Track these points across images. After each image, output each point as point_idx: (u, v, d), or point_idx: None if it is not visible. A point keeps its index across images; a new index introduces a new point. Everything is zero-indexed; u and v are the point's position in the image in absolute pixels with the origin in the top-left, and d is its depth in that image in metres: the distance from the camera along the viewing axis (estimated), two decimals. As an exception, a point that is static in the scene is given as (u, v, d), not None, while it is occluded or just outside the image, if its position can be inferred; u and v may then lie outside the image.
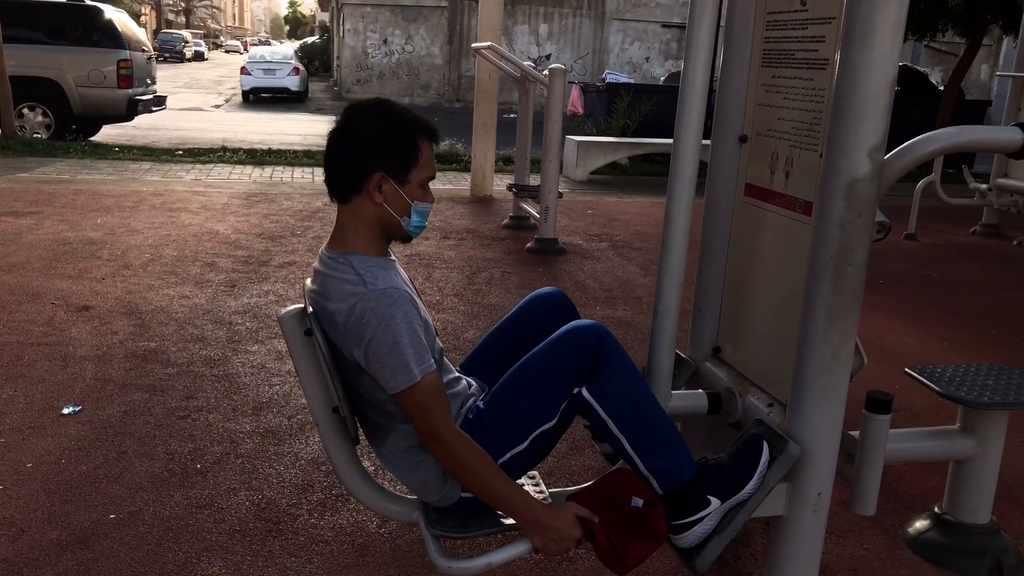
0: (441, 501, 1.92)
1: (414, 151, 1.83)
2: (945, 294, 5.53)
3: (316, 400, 1.85)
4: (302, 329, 1.79)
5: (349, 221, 1.86)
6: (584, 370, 1.85)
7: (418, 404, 1.75)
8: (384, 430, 1.90)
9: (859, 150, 1.71)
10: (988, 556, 2.34)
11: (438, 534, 1.88)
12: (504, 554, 1.83)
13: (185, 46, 42.95)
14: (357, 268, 1.79)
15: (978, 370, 2.46)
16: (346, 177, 1.83)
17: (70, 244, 5.39)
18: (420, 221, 1.90)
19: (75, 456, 2.71)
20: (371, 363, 1.75)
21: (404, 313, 1.75)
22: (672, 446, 1.89)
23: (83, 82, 10.42)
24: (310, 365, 1.82)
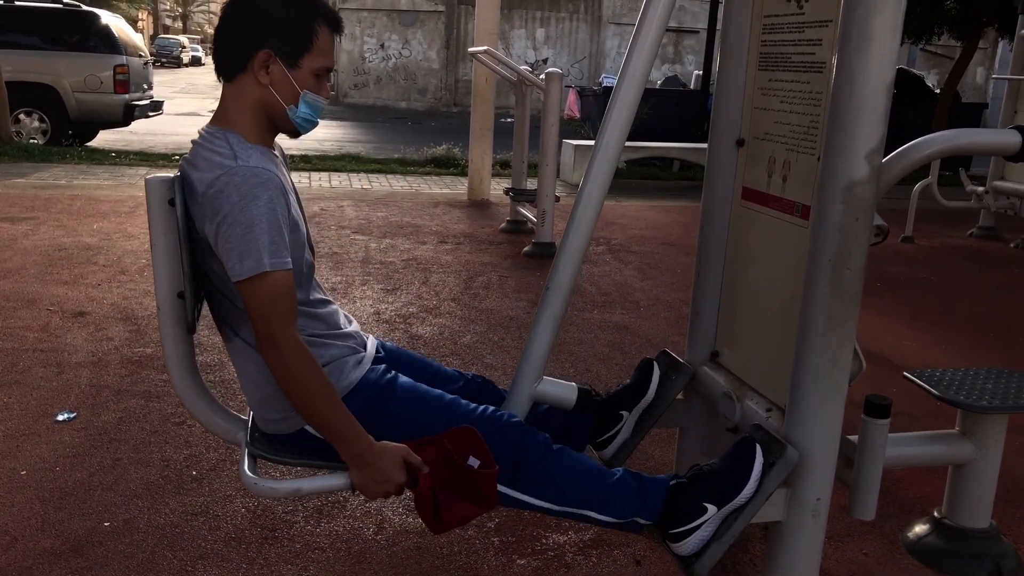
0: (278, 426, 1.83)
1: (309, 33, 1.72)
2: (943, 297, 5.53)
3: (163, 281, 1.75)
4: (166, 198, 1.69)
5: (232, 101, 1.76)
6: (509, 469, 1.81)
7: (260, 299, 1.63)
8: (239, 322, 1.78)
9: (857, 153, 1.70)
10: (988, 560, 2.33)
11: (257, 453, 1.81)
12: (317, 483, 1.76)
13: (182, 51, 42.96)
14: (232, 144, 1.70)
15: (977, 373, 2.45)
16: (232, 51, 1.73)
17: (66, 250, 5.38)
18: (309, 114, 1.78)
19: (69, 463, 2.69)
20: (220, 242, 1.64)
21: (270, 198, 1.65)
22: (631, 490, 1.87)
23: (80, 87, 10.41)
24: (167, 240, 1.72)
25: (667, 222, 7.50)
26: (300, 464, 1.89)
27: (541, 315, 2.04)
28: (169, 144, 11.80)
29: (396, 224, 6.84)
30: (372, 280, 5.10)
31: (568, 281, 2.02)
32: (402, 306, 4.60)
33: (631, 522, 1.89)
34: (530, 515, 2.48)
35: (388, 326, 4.24)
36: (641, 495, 1.88)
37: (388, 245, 6.06)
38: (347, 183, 9.02)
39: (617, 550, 2.35)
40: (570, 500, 1.86)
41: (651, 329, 4.40)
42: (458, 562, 2.26)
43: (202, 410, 1.93)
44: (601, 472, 1.91)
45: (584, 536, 2.40)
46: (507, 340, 4.11)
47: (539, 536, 2.40)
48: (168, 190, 1.71)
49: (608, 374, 3.70)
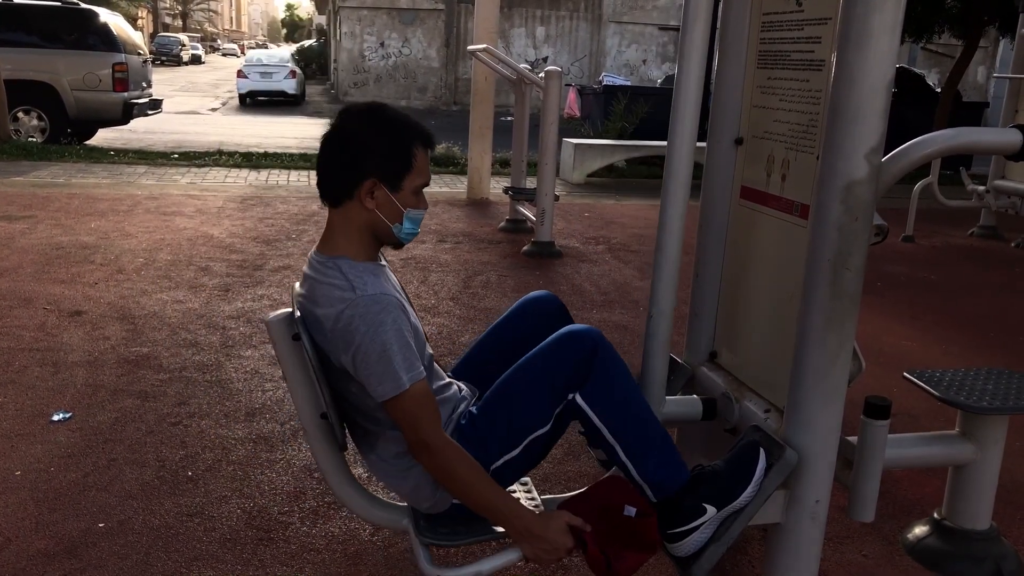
0: (432, 508, 1.89)
1: (408, 157, 1.80)
2: (943, 297, 5.51)
3: (304, 406, 1.83)
4: (290, 334, 1.76)
5: (339, 226, 1.83)
6: (578, 375, 1.82)
7: (407, 412, 1.72)
8: (373, 436, 1.87)
9: (856, 152, 1.69)
10: (988, 562, 2.31)
11: (427, 542, 1.85)
12: (493, 563, 1.80)
13: (182, 49, 42.92)
14: (346, 273, 1.76)
15: (977, 374, 2.43)
16: (338, 182, 1.80)
17: (63, 248, 5.36)
18: (412, 228, 1.86)
19: (64, 464, 2.67)
20: (359, 370, 1.72)
21: (393, 319, 1.72)
22: (665, 454, 1.86)
23: (78, 86, 10.39)
24: (298, 370, 1.80)
25: (667, 221, 7.45)
26: (469, 543, 1.92)
27: (652, 343, 2.13)
28: (168, 142, 11.79)
29: (395, 223, 6.81)
30: (370, 279, 5.07)
31: (670, 305, 2.14)
32: (400, 305, 4.57)
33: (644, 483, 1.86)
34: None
35: (386, 325, 4.22)
36: (670, 465, 1.86)
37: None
38: (346, 182, 8.99)
39: (615, 551, 2.33)
40: (615, 424, 1.83)
41: (650, 328, 4.38)
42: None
43: (366, 509, 1.97)
44: (655, 418, 1.90)
45: (582, 537, 2.39)
46: (505, 339, 4.09)
47: (536, 537, 2.38)
48: (290, 327, 1.77)
49: (607, 374, 3.68)
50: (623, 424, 1.84)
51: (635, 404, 1.87)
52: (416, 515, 1.92)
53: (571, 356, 1.83)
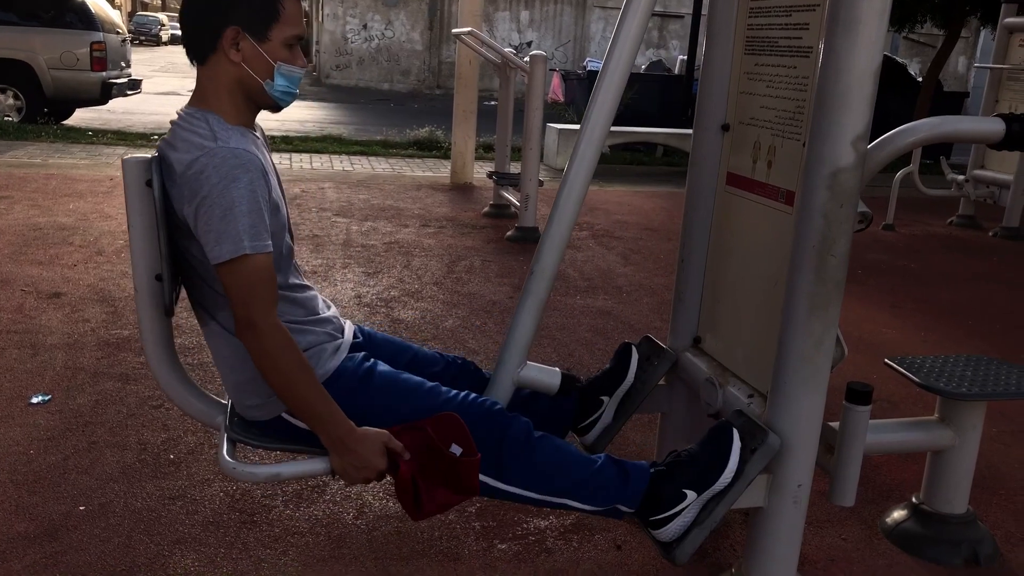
0: (256, 412, 1.82)
1: (274, 3, 1.69)
2: (923, 285, 5.57)
3: (141, 262, 1.73)
4: (144, 179, 1.67)
5: (208, 83, 1.72)
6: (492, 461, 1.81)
7: (240, 283, 1.61)
8: (218, 303, 1.76)
9: (843, 139, 1.69)
10: (965, 546, 2.35)
11: (236, 438, 1.80)
12: (296, 468, 1.76)
13: (161, 29, 42.28)
14: (212, 124, 1.68)
15: (956, 360, 2.46)
16: (199, 32, 1.70)
17: (41, 230, 5.29)
18: (287, 86, 1.75)
19: (44, 446, 2.65)
20: (199, 224, 1.61)
21: (251, 180, 1.62)
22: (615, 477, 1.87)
23: (55, 64, 10.22)
24: (144, 221, 1.69)
25: (650, 208, 7.50)
26: (279, 449, 1.88)
27: (524, 300, 2.02)
28: (148, 123, 11.64)
29: (378, 207, 6.79)
30: (353, 263, 5.06)
31: (552, 266, 2.01)
32: (383, 290, 4.57)
33: (612, 509, 1.90)
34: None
35: (369, 310, 4.21)
36: (623, 482, 1.88)
37: (370, 228, 6.02)
38: (328, 165, 8.94)
39: (598, 535, 2.35)
40: (552, 489, 1.86)
41: (634, 314, 4.40)
42: (439, 547, 2.25)
43: (180, 394, 1.90)
44: (583, 460, 1.90)
45: (565, 521, 2.40)
46: (489, 324, 4.09)
47: (520, 521, 2.39)
48: (146, 171, 1.68)
49: (591, 359, 3.69)
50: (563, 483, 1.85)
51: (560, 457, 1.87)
52: (233, 413, 1.86)
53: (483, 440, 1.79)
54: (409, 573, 2.14)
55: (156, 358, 1.85)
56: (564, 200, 1.99)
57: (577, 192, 1.98)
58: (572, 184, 1.98)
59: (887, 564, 2.32)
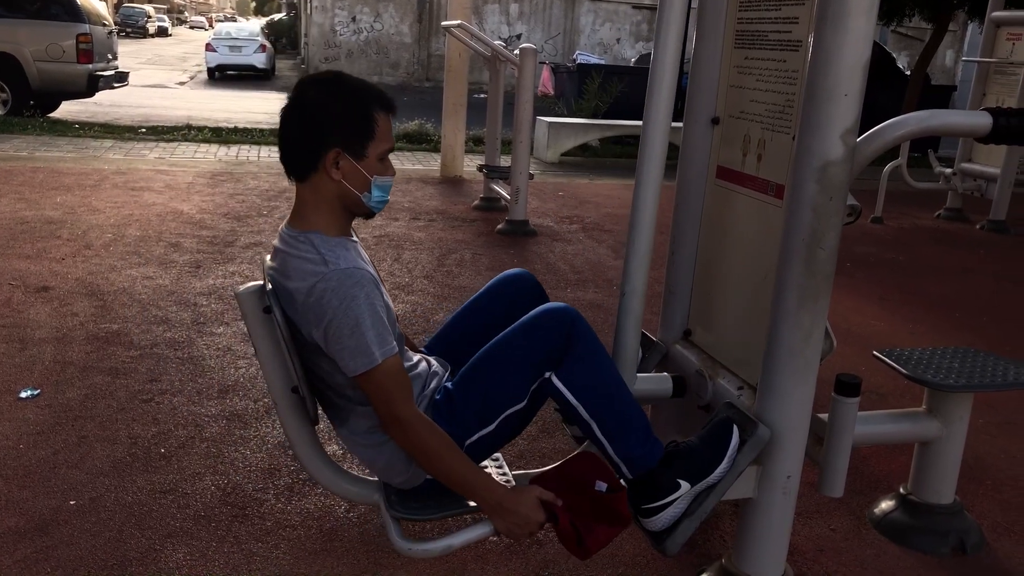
0: (405, 483, 1.90)
1: (370, 124, 1.78)
2: (911, 277, 5.60)
3: (275, 380, 1.82)
4: (261, 307, 1.75)
5: (309, 199, 1.81)
6: (555, 354, 1.83)
7: (379, 387, 1.72)
8: (345, 411, 1.87)
9: (832, 133, 1.70)
10: (952, 535, 2.38)
11: (398, 516, 1.86)
12: (465, 536, 1.82)
13: (148, 21, 41.99)
14: (318, 247, 1.75)
15: (944, 353, 2.48)
16: (301, 154, 1.78)
17: (28, 223, 5.25)
18: (381, 196, 1.84)
19: (33, 441, 2.64)
20: (331, 344, 1.71)
21: (367, 294, 1.71)
22: (641, 432, 1.88)
23: (41, 56, 10.14)
24: (268, 344, 1.79)
25: (640, 200, 7.47)
26: (441, 517, 1.92)
27: (624, 321, 2.12)
28: (135, 116, 11.56)
29: (368, 200, 6.76)
30: (343, 256, 5.04)
31: (642, 284, 2.11)
32: (374, 283, 4.55)
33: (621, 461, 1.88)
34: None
35: (360, 303, 4.20)
36: (646, 442, 1.88)
37: (359, 221, 6.00)
38: (318, 158, 8.90)
39: (589, 527, 2.36)
40: (591, 401, 1.85)
41: (623, 307, 4.41)
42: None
43: (337, 484, 1.97)
44: (630, 395, 1.91)
45: (556, 513, 2.41)
46: (480, 318, 4.09)
47: (511, 513, 2.40)
48: (260, 299, 1.76)
49: (580, 352, 3.70)
50: (599, 402, 1.85)
51: (611, 382, 1.88)
52: (388, 490, 1.93)
53: (547, 334, 1.83)
54: (400, 565, 2.15)
55: (310, 461, 1.93)
56: (639, 217, 2.06)
57: (650, 208, 2.06)
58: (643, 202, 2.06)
59: (875, 554, 2.34)
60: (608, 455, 1.88)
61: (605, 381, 1.87)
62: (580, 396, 1.85)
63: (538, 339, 1.83)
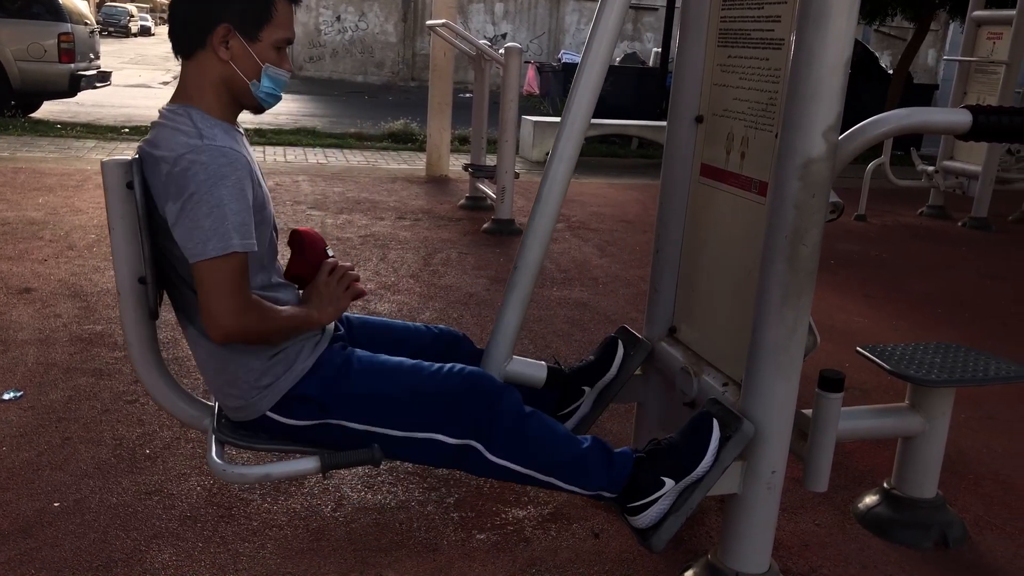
0: (239, 412, 1.83)
1: (268, 5, 1.69)
2: (893, 274, 5.65)
3: (123, 266, 1.73)
4: (124, 180, 1.66)
5: (193, 78, 1.72)
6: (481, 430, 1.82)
7: (221, 280, 1.61)
8: (195, 310, 1.75)
9: (814, 130, 1.72)
10: (934, 529, 2.40)
11: (224, 439, 1.82)
12: (286, 467, 1.79)
13: (130, 20, 41.63)
14: (196, 122, 1.67)
15: (926, 348, 2.51)
16: (189, 27, 1.70)
17: (9, 224, 5.21)
18: (272, 88, 1.76)
19: (16, 443, 2.62)
20: (183, 221, 1.60)
21: (238, 178, 1.62)
22: (599, 464, 1.89)
23: (22, 56, 10.03)
24: (126, 224, 1.69)
25: (625, 200, 7.53)
26: (267, 449, 1.88)
27: (509, 295, 2.03)
28: (118, 116, 11.48)
29: (353, 200, 6.76)
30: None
31: (536, 260, 2.02)
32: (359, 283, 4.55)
33: (596, 494, 1.91)
34: (489, 490, 2.49)
35: (346, 303, 4.19)
36: (608, 467, 1.90)
37: (345, 221, 5.99)
38: (303, 158, 8.88)
39: (576, 524, 2.37)
40: (540, 464, 1.86)
41: (610, 306, 4.43)
42: (417, 537, 2.26)
43: (168, 398, 1.90)
44: (571, 439, 1.91)
45: (543, 511, 2.42)
46: (466, 317, 4.10)
47: (498, 511, 2.41)
48: (126, 173, 1.67)
49: (567, 351, 3.71)
50: (547, 459, 1.86)
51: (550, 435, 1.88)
52: (220, 415, 1.88)
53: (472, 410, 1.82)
54: (387, 564, 2.15)
55: (142, 362, 1.85)
56: (546, 194, 2.00)
57: (559, 185, 1.99)
58: (554, 177, 1.99)
59: (859, 548, 2.36)
60: (584, 495, 1.92)
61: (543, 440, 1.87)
62: (527, 463, 1.85)
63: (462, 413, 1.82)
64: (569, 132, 1.97)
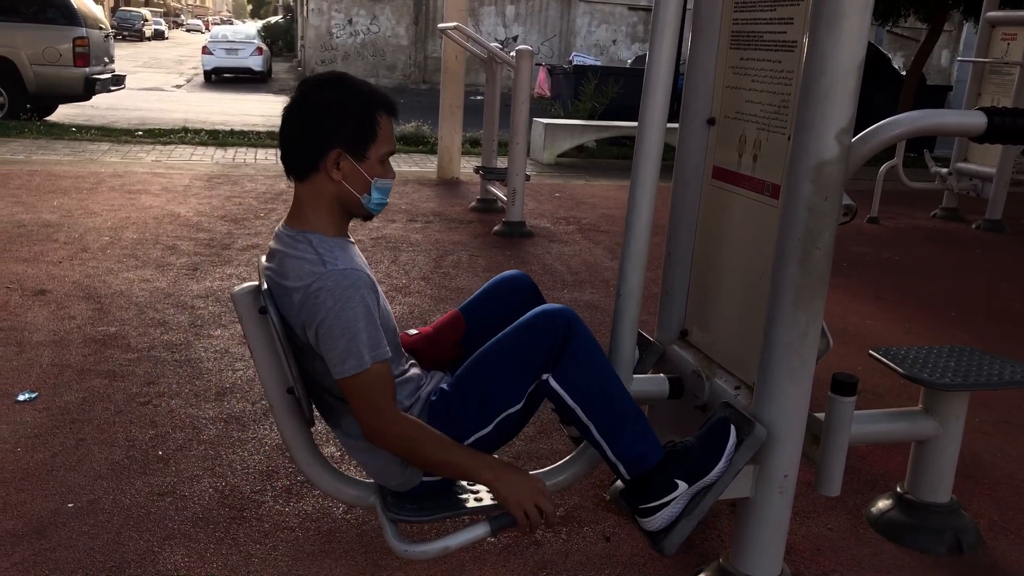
0: (401, 486, 1.90)
1: (372, 126, 1.79)
2: (907, 277, 5.61)
3: (270, 381, 1.82)
4: (256, 307, 1.75)
5: (307, 199, 1.81)
6: (551, 356, 1.83)
7: (364, 393, 1.72)
8: (338, 413, 1.88)
9: (827, 132, 1.71)
10: (948, 534, 2.38)
11: (394, 518, 1.86)
12: (462, 537, 1.82)
13: (144, 24, 41.94)
14: (316, 247, 1.75)
15: (940, 352, 2.49)
16: (302, 154, 1.78)
17: (25, 226, 5.25)
18: (381, 198, 1.85)
19: (31, 444, 2.64)
20: (322, 345, 1.71)
21: (362, 297, 1.71)
22: (639, 433, 1.88)
23: (38, 60, 10.13)
24: (264, 345, 1.78)
25: (637, 202, 7.48)
26: (437, 519, 1.91)
27: (620, 322, 2.10)
28: (132, 119, 11.56)
29: (365, 202, 6.76)
30: (341, 258, 5.04)
31: (638, 286, 2.09)
32: (371, 285, 4.56)
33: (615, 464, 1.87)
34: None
35: (357, 305, 4.20)
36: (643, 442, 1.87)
37: (356, 223, 6.00)
38: (315, 160, 8.89)
39: (587, 527, 2.37)
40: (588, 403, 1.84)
41: (621, 308, 4.41)
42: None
43: (333, 486, 1.97)
44: (627, 394, 1.91)
45: (554, 513, 2.41)
46: (477, 319, 4.09)
47: (509, 514, 2.40)
48: (255, 300, 1.75)
49: (578, 353, 3.70)
50: (596, 404, 1.85)
51: (608, 383, 1.88)
52: (384, 492, 1.93)
53: (543, 336, 1.83)
54: (398, 567, 2.15)
55: (306, 463, 1.93)
56: (635, 218, 2.04)
57: (646, 209, 2.04)
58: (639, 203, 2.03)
59: (872, 553, 2.35)
60: (606, 456, 1.88)
61: (602, 383, 1.86)
62: (577, 397, 1.84)
63: (534, 340, 1.84)
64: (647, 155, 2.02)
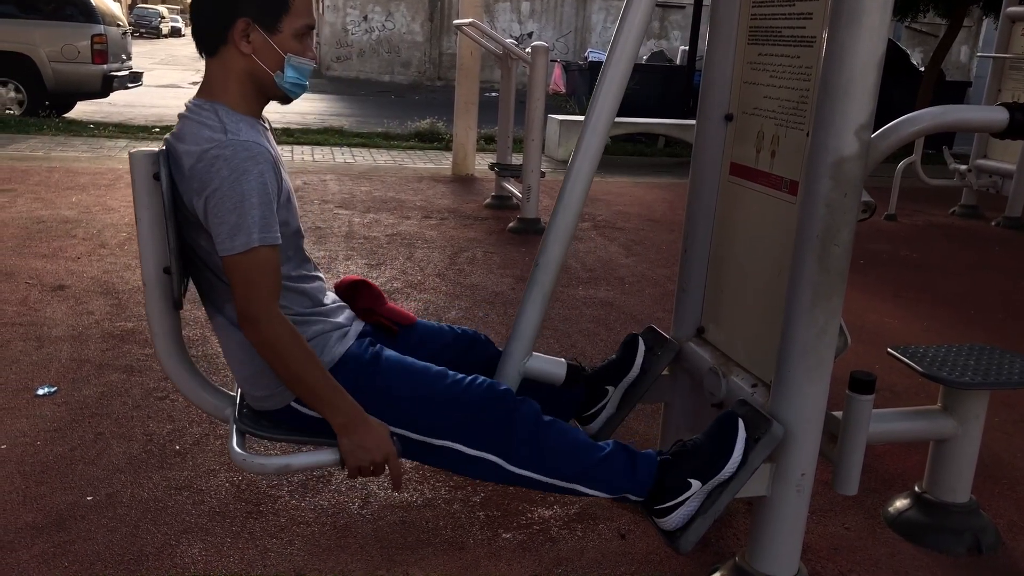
0: (264, 402, 1.83)
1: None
2: (925, 274, 5.57)
3: (149, 256, 1.73)
4: (151, 172, 1.67)
5: (217, 74, 1.73)
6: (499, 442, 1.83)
7: (246, 275, 1.62)
8: (223, 296, 1.77)
9: (846, 129, 1.70)
10: (967, 534, 2.36)
11: (244, 429, 1.82)
12: (305, 459, 1.78)
13: (161, 21, 42.23)
14: (222, 116, 1.68)
15: (959, 350, 2.47)
16: (209, 24, 1.70)
17: (44, 222, 5.30)
18: (297, 78, 1.75)
19: (51, 437, 2.66)
20: (211, 217, 1.62)
21: (261, 172, 1.63)
22: (621, 469, 1.88)
23: (56, 57, 10.20)
24: (151, 215, 1.70)
25: (652, 199, 7.49)
26: (288, 440, 1.89)
27: (530, 292, 2.03)
28: (149, 116, 11.63)
29: (380, 199, 6.79)
30: (356, 255, 5.06)
31: (557, 258, 2.02)
32: (386, 281, 4.57)
33: (622, 497, 1.90)
34: (515, 489, 2.49)
35: (372, 301, 4.21)
36: (632, 470, 1.89)
37: (372, 220, 6.02)
38: (330, 157, 8.94)
39: (602, 524, 2.36)
40: (561, 473, 1.86)
41: (636, 305, 4.41)
42: (443, 536, 2.27)
43: (189, 386, 1.92)
44: (591, 446, 1.91)
45: (569, 510, 2.41)
46: (492, 316, 4.10)
47: (524, 510, 2.41)
48: (153, 164, 1.68)
49: (593, 350, 3.70)
50: (572, 468, 1.86)
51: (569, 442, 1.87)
52: (242, 405, 1.88)
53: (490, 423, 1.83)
54: (414, 562, 2.15)
55: (165, 351, 1.87)
56: (569, 191, 1.99)
57: (582, 183, 1.98)
58: (577, 175, 1.98)
59: (890, 553, 2.33)
60: (608, 499, 1.91)
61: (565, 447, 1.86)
62: (548, 472, 1.85)
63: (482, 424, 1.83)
64: (593, 130, 1.96)
